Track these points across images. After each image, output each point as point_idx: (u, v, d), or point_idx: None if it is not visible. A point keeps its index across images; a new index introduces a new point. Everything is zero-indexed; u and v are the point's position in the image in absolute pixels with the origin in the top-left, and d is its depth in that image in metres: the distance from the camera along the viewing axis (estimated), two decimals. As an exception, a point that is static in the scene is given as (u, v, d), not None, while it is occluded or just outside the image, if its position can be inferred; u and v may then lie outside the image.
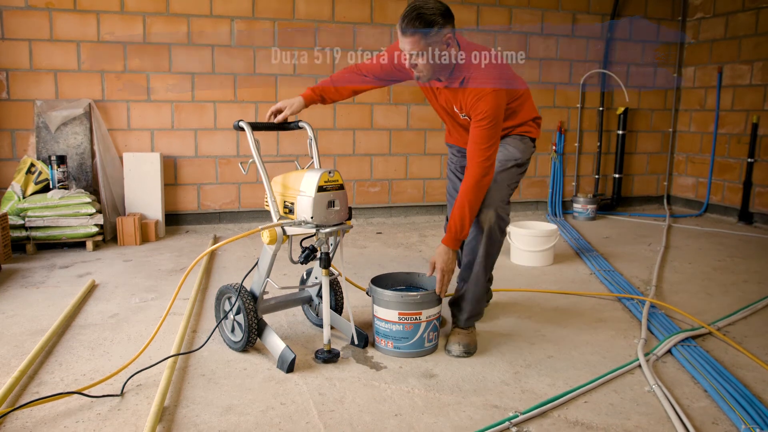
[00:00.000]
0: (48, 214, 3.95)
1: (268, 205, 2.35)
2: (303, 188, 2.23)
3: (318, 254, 2.30)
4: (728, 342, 2.57)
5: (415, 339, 2.36)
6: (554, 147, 5.66)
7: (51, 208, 3.96)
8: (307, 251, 2.29)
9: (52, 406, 1.96)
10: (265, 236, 2.22)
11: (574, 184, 5.82)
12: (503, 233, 2.47)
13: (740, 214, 5.34)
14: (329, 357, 2.31)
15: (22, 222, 3.93)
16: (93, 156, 4.44)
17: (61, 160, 4.15)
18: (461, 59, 2.29)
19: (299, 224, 2.25)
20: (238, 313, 2.38)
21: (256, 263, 2.42)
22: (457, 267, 2.56)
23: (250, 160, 2.34)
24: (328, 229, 2.22)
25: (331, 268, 2.32)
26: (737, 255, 4.16)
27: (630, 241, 4.57)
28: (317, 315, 2.69)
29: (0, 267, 3.53)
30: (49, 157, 4.15)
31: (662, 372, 2.28)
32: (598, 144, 5.80)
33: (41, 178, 4.13)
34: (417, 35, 2.12)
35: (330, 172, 2.23)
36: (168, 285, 3.31)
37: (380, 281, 2.53)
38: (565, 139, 5.70)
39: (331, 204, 2.22)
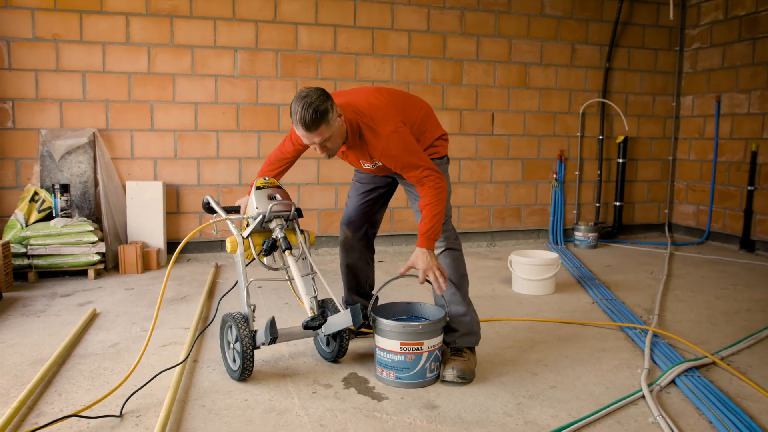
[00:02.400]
0: (50, 242, 3.96)
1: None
2: (250, 199, 2.57)
3: (278, 243, 2.45)
4: (732, 372, 2.55)
5: (416, 369, 2.35)
6: (555, 175, 5.69)
7: (53, 237, 3.97)
8: (266, 242, 2.46)
9: (51, 438, 1.95)
10: (228, 246, 2.46)
11: (575, 212, 5.84)
12: (456, 249, 2.59)
13: (742, 242, 5.34)
14: (310, 321, 2.33)
15: (24, 250, 3.94)
16: (96, 184, 4.46)
17: (65, 188, 4.17)
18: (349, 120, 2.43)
19: (250, 219, 2.52)
20: (237, 341, 2.39)
21: (235, 283, 2.58)
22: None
23: (212, 220, 2.58)
24: (274, 208, 2.47)
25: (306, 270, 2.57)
26: (740, 283, 4.15)
27: (632, 270, 4.56)
28: (327, 346, 2.67)
29: (1, 295, 3.53)
30: (53, 185, 4.17)
31: (666, 403, 2.26)
32: (599, 172, 5.83)
33: (44, 206, 4.15)
34: (322, 125, 2.26)
35: (265, 179, 2.61)
36: (169, 314, 3.30)
37: (381, 311, 2.52)
38: (565, 168, 5.73)
39: (271, 197, 2.52)
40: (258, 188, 2.54)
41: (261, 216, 2.47)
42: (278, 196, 2.53)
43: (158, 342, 2.85)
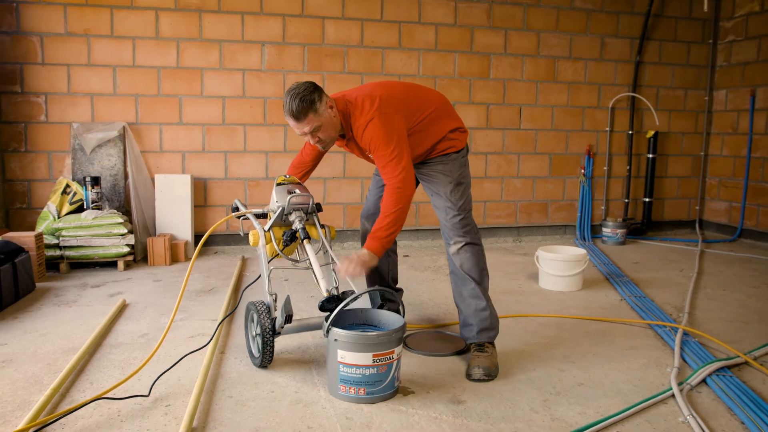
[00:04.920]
0: (81, 234, 4.03)
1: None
2: (272, 194, 2.63)
3: (298, 234, 2.50)
4: (766, 372, 2.49)
5: (387, 381, 2.19)
6: (583, 171, 5.62)
7: (84, 228, 4.04)
8: (286, 233, 2.51)
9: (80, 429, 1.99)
10: (251, 239, 2.56)
11: (603, 208, 5.76)
12: (476, 244, 2.60)
13: (776, 240, 5.22)
14: (325, 302, 2.31)
15: (56, 241, 4.02)
16: (126, 177, 4.53)
17: (95, 181, 4.24)
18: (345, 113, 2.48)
19: (271, 212, 2.59)
20: (258, 328, 2.44)
21: (259, 276, 2.63)
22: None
23: (234, 214, 2.70)
24: (293, 200, 2.51)
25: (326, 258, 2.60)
26: (773, 282, 4.06)
27: (661, 267, 4.49)
28: None
29: (34, 285, 3.61)
30: (84, 178, 4.25)
31: (697, 402, 2.22)
32: (628, 167, 5.74)
33: (76, 198, 4.23)
34: (310, 114, 2.34)
35: (285, 176, 2.68)
36: (197, 306, 3.34)
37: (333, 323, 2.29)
38: (594, 163, 5.65)
39: (291, 192, 2.56)
40: (278, 184, 2.61)
41: (281, 209, 2.52)
42: (297, 191, 2.59)
43: (186, 333, 2.89)
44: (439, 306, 3.40)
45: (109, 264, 4.19)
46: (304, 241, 2.49)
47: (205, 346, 2.59)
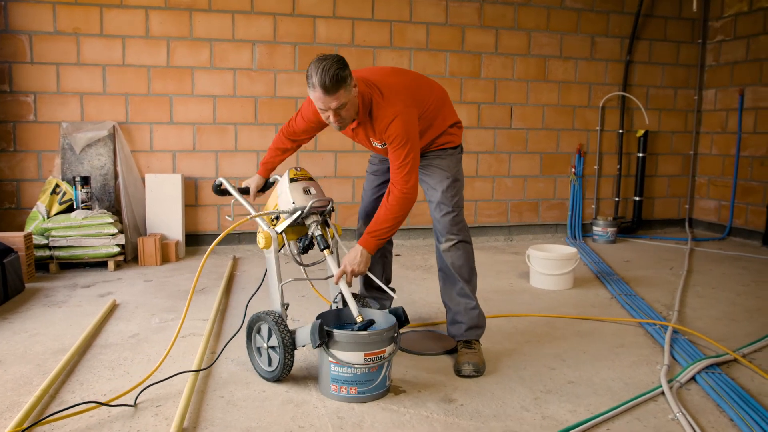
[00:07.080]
0: (71, 234, 4.01)
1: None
2: (280, 190, 2.43)
3: (315, 240, 2.36)
4: (754, 369, 2.51)
5: (378, 380, 2.20)
6: (574, 170, 5.64)
7: (74, 228, 4.02)
8: (303, 240, 2.37)
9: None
10: (261, 241, 2.33)
11: (593, 206, 5.79)
12: (469, 242, 2.62)
13: (764, 238, 5.26)
14: (362, 326, 2.22)
15: (46, 242, 3.99)
16: (116, 177, 4.51)
17: (85, 181, 4.22)
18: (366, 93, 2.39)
19: (284, 213, 2.37)
20: (275, 342, 2.30)
21: (263, 280, 2.50)
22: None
23: (232, 201, 2.58)
24: (312, 203, 2.33)
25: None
26: (762, 280, 4.09)
27: (651, 265, 4.51)
28: None
29: (24, 286, 3.58)
30: (74, 177, 4.22)
31: (686, 400, 2.24)
32: (618, 167, 5.77)
33: (65, 198, 4.20)
34: (341, 89, 2.19)
35: (296, 168, 2.46)
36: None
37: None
38: (584, 162, 5.68)
39: (307, 191, 2.39)
40: (292, 180, 2.41)
41: (299, 213, 2.33)
42: (313, 190, 2.41)
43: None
44: (430, 305, 3.40)
45: (100, 264, 4.17)
46: (325, 251, 2.34)
47: (208, 367, 2.48)
